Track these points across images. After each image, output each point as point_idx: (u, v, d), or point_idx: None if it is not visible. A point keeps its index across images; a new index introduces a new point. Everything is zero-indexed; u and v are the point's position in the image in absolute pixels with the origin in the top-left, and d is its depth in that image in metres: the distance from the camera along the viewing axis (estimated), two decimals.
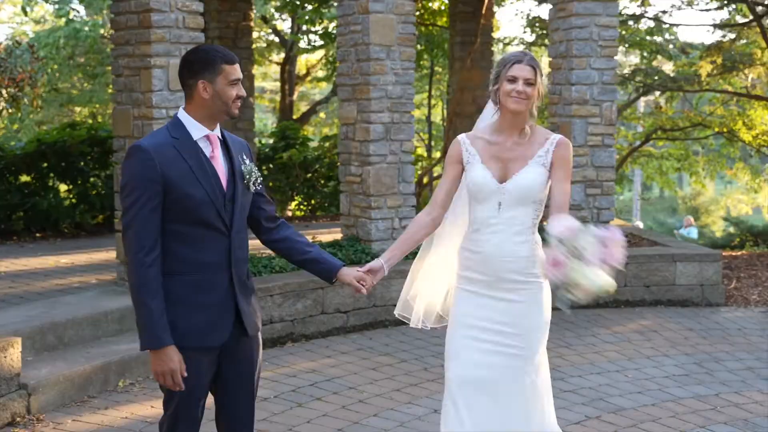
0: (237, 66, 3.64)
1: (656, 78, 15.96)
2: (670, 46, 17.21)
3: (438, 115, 21.72)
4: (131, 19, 7.42)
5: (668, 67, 18.95)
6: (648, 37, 17.35)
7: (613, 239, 3.60)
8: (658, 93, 18.33)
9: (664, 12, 16.67)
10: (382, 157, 8.77)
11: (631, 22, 17.15)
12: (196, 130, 3.62)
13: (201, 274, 3.59)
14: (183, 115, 3.65)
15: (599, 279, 3.55)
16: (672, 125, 16.90)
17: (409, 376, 6.81)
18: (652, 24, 17.22)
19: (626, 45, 17.99)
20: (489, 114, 4.14)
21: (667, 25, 17.27)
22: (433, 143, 18.85)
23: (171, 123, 3.66)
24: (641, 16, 16.77)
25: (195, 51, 3.67)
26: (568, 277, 3.56)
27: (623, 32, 16.79)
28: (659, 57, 17.47)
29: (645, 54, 17.34)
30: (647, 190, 39.61)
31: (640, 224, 27.18)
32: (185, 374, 3.55)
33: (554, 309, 4.11)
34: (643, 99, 23.08)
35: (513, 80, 3.91)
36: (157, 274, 3.49)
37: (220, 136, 3.71)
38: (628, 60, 24.82)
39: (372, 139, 8.70)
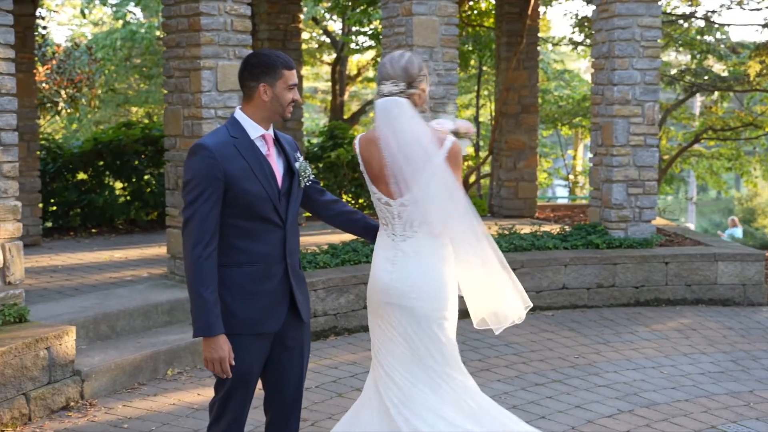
0: (294, 71, 3.88)
1: (705, 78, 15.87)
2: (721, 45, 17.06)
3: (487, 115, 21.80)
4: (182, 23, 7.70)
5: (720, 67, 18.79)
6: (698, 37, 17.23)
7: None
8: (708, 93, 18.18)
9: (713, 12, 16.49)
10: None
11: (681, 22, 17.07)
12: (253, 129, 3.85)
13: (259, 265, 3.80)
14: (240, 115, 3.87)
15: None
16: (722, 125, 16.79)
17: None
18: (702, 24, 17.11)
19: (677, 45, 17.89)
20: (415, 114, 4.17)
21: (717, 25, 17.14)
22: (481, 143, 18.95)
23: (229, 122, 3.87)
24: (691, 15, 16.69)
25: (257, 55, 3.88)
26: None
27: (673, 32, 16.72)
28: (710, 57, 17.34)
29: (695, 54, 17.22)
30: (703, 192, 39.17)
31: (692, 226, 26.94)
32: (233, 363, 3.75)
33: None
34: (699, 99, 22.91)
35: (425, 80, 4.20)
36: (213, 266, 3.70)
37: (273, 136, 3.94)
38: (679, 59, 24.60)
39: None
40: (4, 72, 6.09)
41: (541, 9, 18.02)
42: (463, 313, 8.86)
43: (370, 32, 17.38)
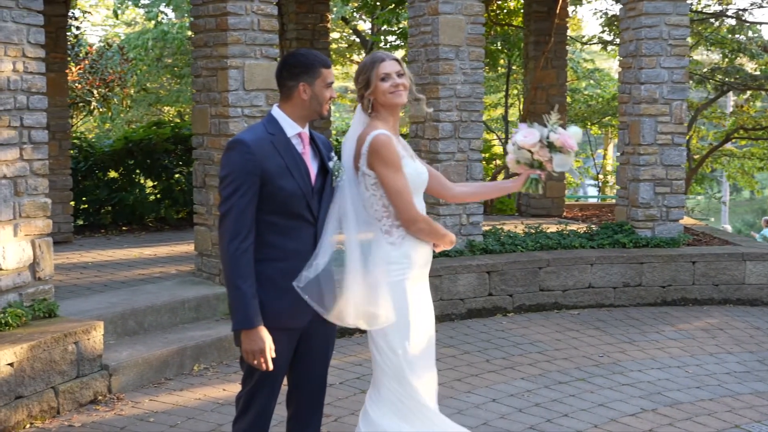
0: (332, 69, 3.95)
1: (736, 77, 15.75)
2: (753, 44, 16.91)
3: (516, 114, 21.76)
4: (209, 23, 7.79)
5: (752, 66, 18.62)
6: (729, 36, 17.10)
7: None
8: (740, 92, 18.03)
9: (744, 10, 16.36)
10: (451, 155, 8.97)
11: (712, 20, 16.95)
12: (290, 127, 3.90)
13: (291, 261, 3.83)
14: (278, 113, 3.93)
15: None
16: (754, 124, 16.64)
17: (471, 367, 7.01)
18: (733, 22, 16.97)
19: (708, 43, 17.76)
20: (359, 121, 4.09)
21: (748, 23, 17.00)
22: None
23: (266, 120, 3.92)
24: (722, 14, 16.56)
25: (295, 55, 3.94)
26: (575, 144, 4.20)
27: (704, 31, 16.60)
28: (741, 55, 17.19)
29: (726, 52, 17.08)
30: (737, 192, 38.79)
31: (729, 228, 26.67)
32: (274, 355, 3.79)
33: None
34: (732, 98, 22.72)
35: (387, 77, 4.02)
36: (250, 260, 3.73)
37: (309, 135, 3.99)
38: (710, 58, 24.39)
39: (441, 137, 8.92)
40: (35, 71, 6.19)
41: (571, 8, 17.98)
42: (489, 312, 8.85)
43: (399, 31, 17.40)
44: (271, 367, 3.78)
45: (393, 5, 14.85)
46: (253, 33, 7.69)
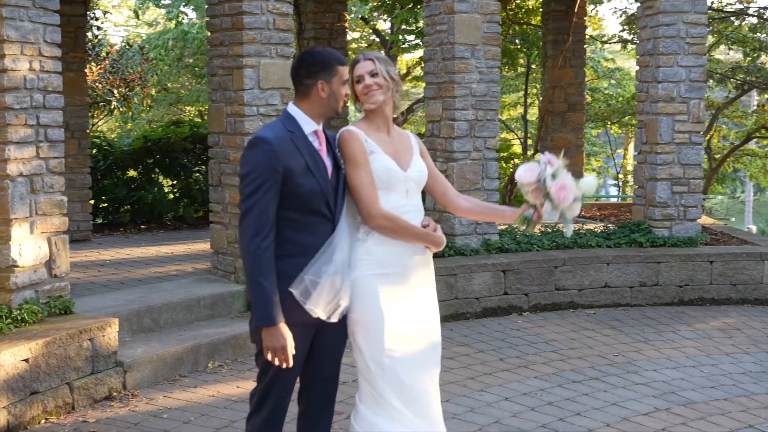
0: (347, 67, 3.98)
1: (758, 75, 15.63)
2: None
3: (535, 113, 21.71)
4: (225, 22, 7.83)
5: None
6: (751, 34, 16.97)
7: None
8: (763, 90, 17.88)
9: (765, 8, 16.23)
10: (466, 154, 8.97)
11: (732, 19, 16.83)
12: (307, 125, 3.93)
13: (308, 257, 3.85)
14: (295, 111, 3.95)
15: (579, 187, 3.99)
16: None
17: (485, 366, 7.00)
18: (754, 20, 16.84)
19: (729, 42, 17.65)
20: None
21: None
22: (529, 141, 18.88)
23: (284, 117, 3.95)
24: (743, 12, 16.44)
25: (312, 53, 3.97)
26: (570, 198, 3.95)
27: (724, 29, 16.49)
28: (763, 54, 17.06)
29: (747, 51, 16.95)
30: (761, 192, 38.46)
31: (754, 228, 26.46)
32: (294, 351, 3.81)
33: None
34: (755, 97, 22.54)
35: (360, 79, 4.02)
36: (271, 257, 3.75)
37: (323, 132, 4.03)
38: (732, 57, 24.22)
39: (456, 136, 8.92)
40: (51, 70, 6.25)
41: (591, 7, 17.91)
42: (504, 311, 8.84)
43: (417, 31, 17.42)
44: (291, 363, 3.79)
45: (411, 4, 14.85)
46: (268, 32, 7.72)
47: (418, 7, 14.62)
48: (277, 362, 3.78)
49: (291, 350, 3.77)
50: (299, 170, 3.81)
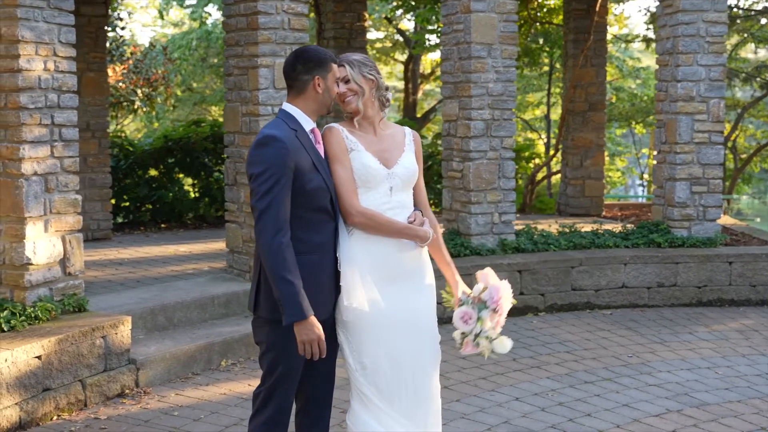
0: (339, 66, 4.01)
1: None
2: None
3: (559, 113, 21.61)
4: (240, 22, 7.87)
5: None
6: None
7: (499, 301, 3.93)
8: None
9: None
10: (483, 153, 8.95)
11: (759, 18, 16.66)
12: (306, 122, 3.95)
13: (315, 254, 3.89)
14: (293, 109, 3.97)
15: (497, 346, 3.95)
16: None
17: (497, 365, 6.98)
18: None
19: (756, 41, 17.48)
20: None
21: None
22: (552, 140, 18.80)
23: (284, 116, 3.96)
24: (766, 11, 16.28)
25: (307, 50, 3.99)
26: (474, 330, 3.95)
27: (750, 28, 16.33)
28: None
29: None
30: None
31: None
32: (324, 342, 3.81)
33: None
34: None
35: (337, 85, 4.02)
36: (293, 253, 3.76)
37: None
38: (758, 56, 23.97)
39: (472, 135, 8.90)
40: (65, 70, 6.31)
41: (615, 6, 17.79)
42: (520, 311, 8.81)
43: (438, 30, 17.39)
44: (324, 354, 3.80)
45: (431, 4, 14.83)
46: (283, 32, 7.75)
47: (438, 5, 14.60)
48: (311, 354, 3.77)
49: (324, 342, 3.78)
50: (307, 167, 3.83)
